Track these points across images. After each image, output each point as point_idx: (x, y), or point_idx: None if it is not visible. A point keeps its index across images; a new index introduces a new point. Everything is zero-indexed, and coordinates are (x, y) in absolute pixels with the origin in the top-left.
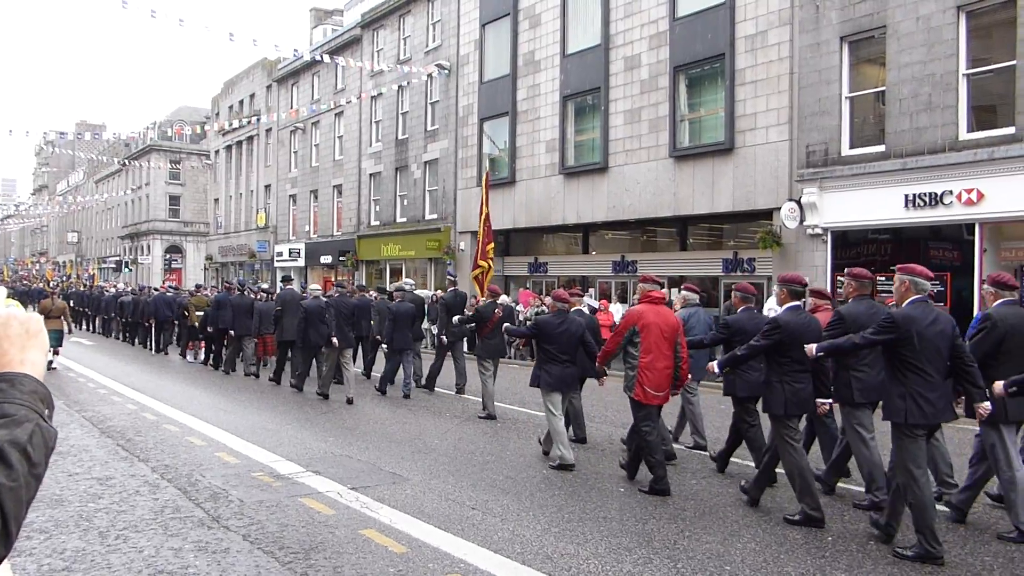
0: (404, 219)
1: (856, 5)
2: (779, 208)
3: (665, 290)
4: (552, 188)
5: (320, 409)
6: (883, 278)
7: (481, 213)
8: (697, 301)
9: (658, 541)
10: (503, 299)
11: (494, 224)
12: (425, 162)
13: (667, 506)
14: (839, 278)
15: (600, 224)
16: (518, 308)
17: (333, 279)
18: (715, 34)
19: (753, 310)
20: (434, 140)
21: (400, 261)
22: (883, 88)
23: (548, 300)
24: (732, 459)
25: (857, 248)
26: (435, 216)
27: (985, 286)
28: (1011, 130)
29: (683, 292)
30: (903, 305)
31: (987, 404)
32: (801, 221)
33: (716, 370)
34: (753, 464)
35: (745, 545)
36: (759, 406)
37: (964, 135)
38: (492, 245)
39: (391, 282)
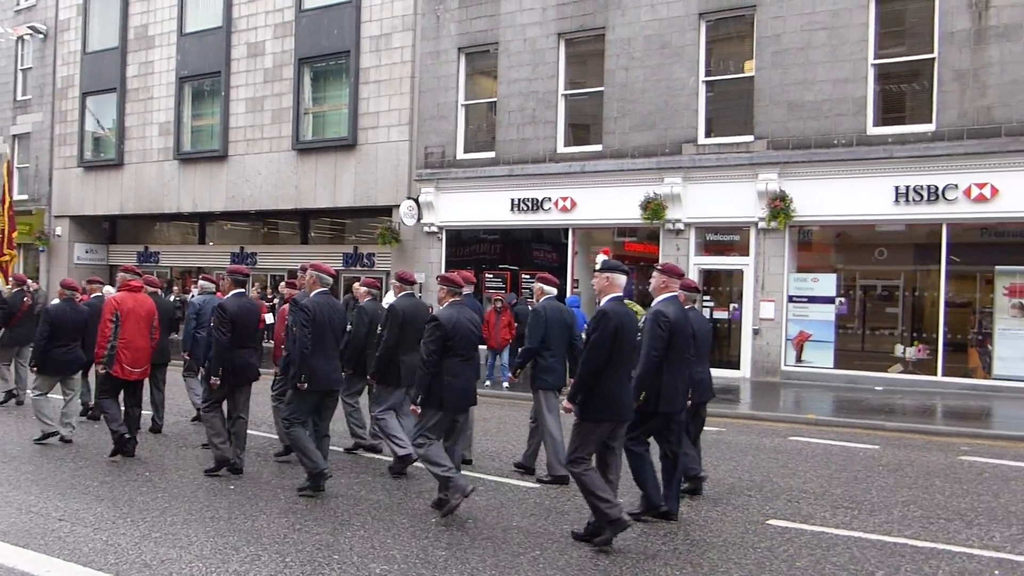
0: None
1: (473, 20)
2: (399, 206)
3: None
4: (166, 173)
5: None
6: (490, 275)
7: (4, 201)
8: (555, 293)
9: (267, 537)
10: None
11: (97, 209)
12: (14, 136)
13: (279, 501)
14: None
15: (219, 214)
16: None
17: None
18: (341, 31)
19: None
20: (25, 111)
21: None
22: (495, 99)
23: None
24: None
25: (470, 246)
26: (26, 197)
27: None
28: (599, 147)
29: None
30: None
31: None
32: (419, 219)
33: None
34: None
35: (354, 533)
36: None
37: (561, 148)
38: (16, 233)
39: None
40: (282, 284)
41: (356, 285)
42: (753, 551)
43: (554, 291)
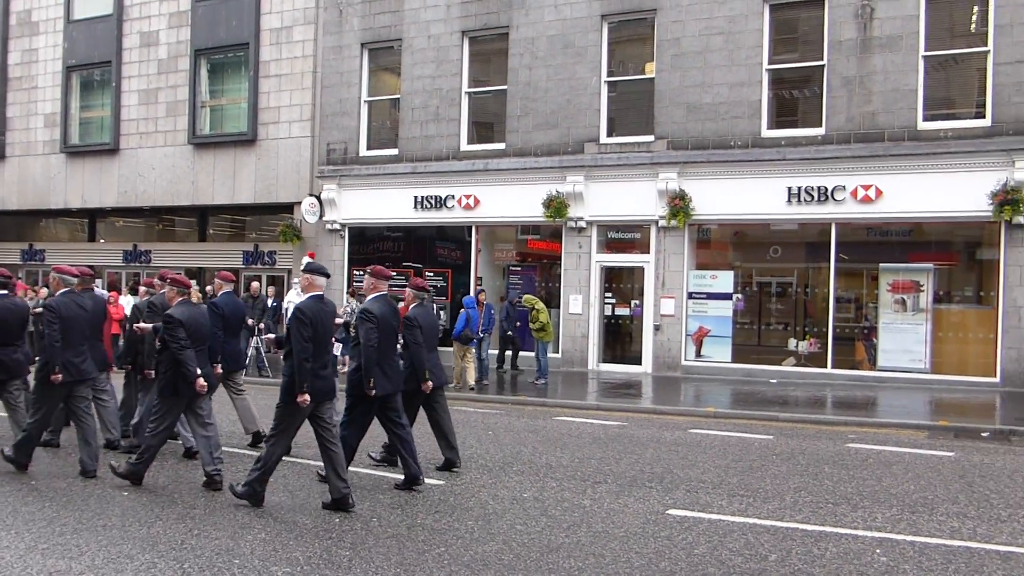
0: None
1: (376, 15)
2: (300, 202)
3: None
4: (52, 167)
5: None
6: (394, 273)
7: None
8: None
9: (164, 543)
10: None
11: None
12: None
13: (176, 506)
14: (356, 272)
15: (110, 210)
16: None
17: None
18: (240, 22)
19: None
20: None
21: None
22: (398, 96)
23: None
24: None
25: (373, 244)
26: None
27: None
28: (502, 146)
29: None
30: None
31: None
32: (320, 216)
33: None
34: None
35: (255, 536)
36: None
37: (465, 146)
38: None
39: None
40: (142, 288)
41: (255, 284)
42: (653, 540)
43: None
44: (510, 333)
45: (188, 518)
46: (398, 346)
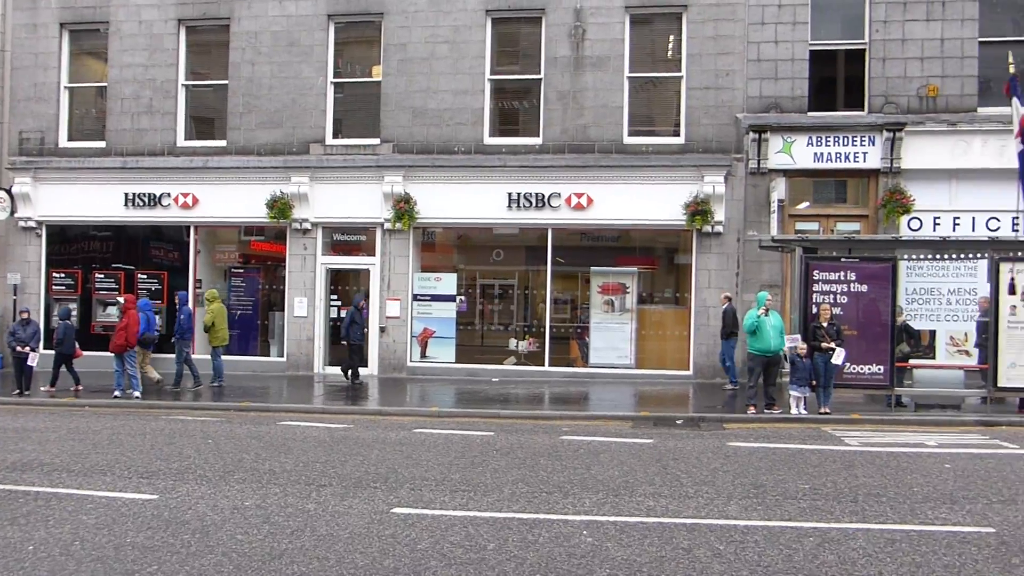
0: None
1: None
2: None
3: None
4: None
5: None
6: (101, 275)
7: None
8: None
9: None
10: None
11: None
12: None
13: None
14: (55, 274)
15: None
16: None
17: None
18: None
19: None
20: None
21: None
22: (105, 84)
23: None
24: None
25: (77, 244)
26: None
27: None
28: (223, 143)
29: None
30: None
31: None
32: (12, 212)
33: None
34: None
35: None
36: None
37: (182, 142)
38: None
39: None
40: None
41: None
42: (378, 540)
43: None
44: (352, 341)
45: None
46: None
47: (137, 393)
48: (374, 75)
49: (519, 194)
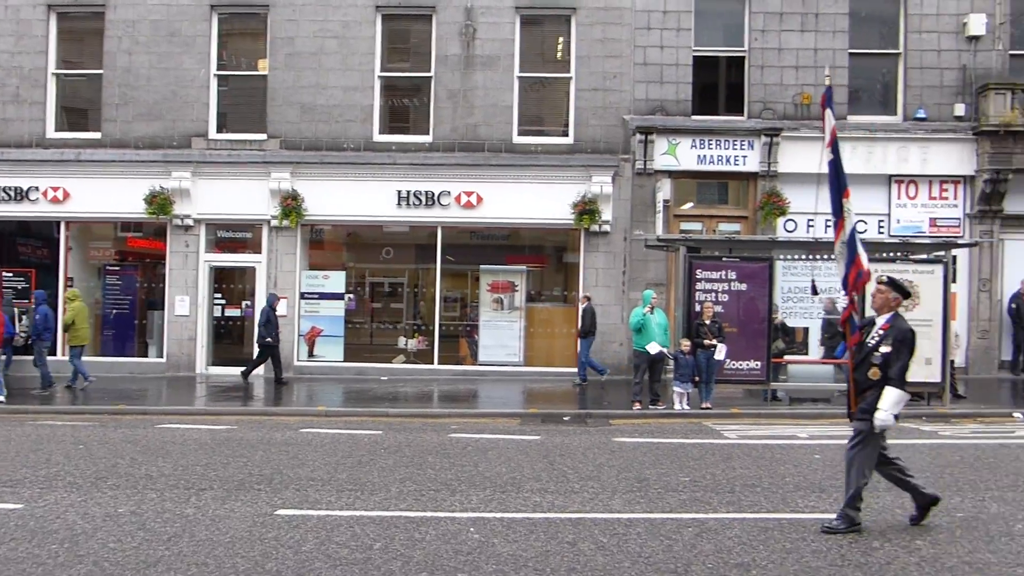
0: None
1: None
2: None
3: None
4: None
5: None
6: None
7: None
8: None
9: None
10: None
11: None
12: None
13: None
14: None
15: None
16: None
17: None
18: None
19: None
20: None
21: None
22: None
23: None
24: None
25: None
26: None
27: None
28: (98, 135)
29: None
30: None
31: None
32: None
33: None
34: None
35: None
36: None
37: (52, 133)
38: None
39: None
40: None
41: None
42: (260, 543)
43: None
44: (269, 340)
45: None
46: None
47: (1, 398)
48: (260, 69)
49: (409, 192)
